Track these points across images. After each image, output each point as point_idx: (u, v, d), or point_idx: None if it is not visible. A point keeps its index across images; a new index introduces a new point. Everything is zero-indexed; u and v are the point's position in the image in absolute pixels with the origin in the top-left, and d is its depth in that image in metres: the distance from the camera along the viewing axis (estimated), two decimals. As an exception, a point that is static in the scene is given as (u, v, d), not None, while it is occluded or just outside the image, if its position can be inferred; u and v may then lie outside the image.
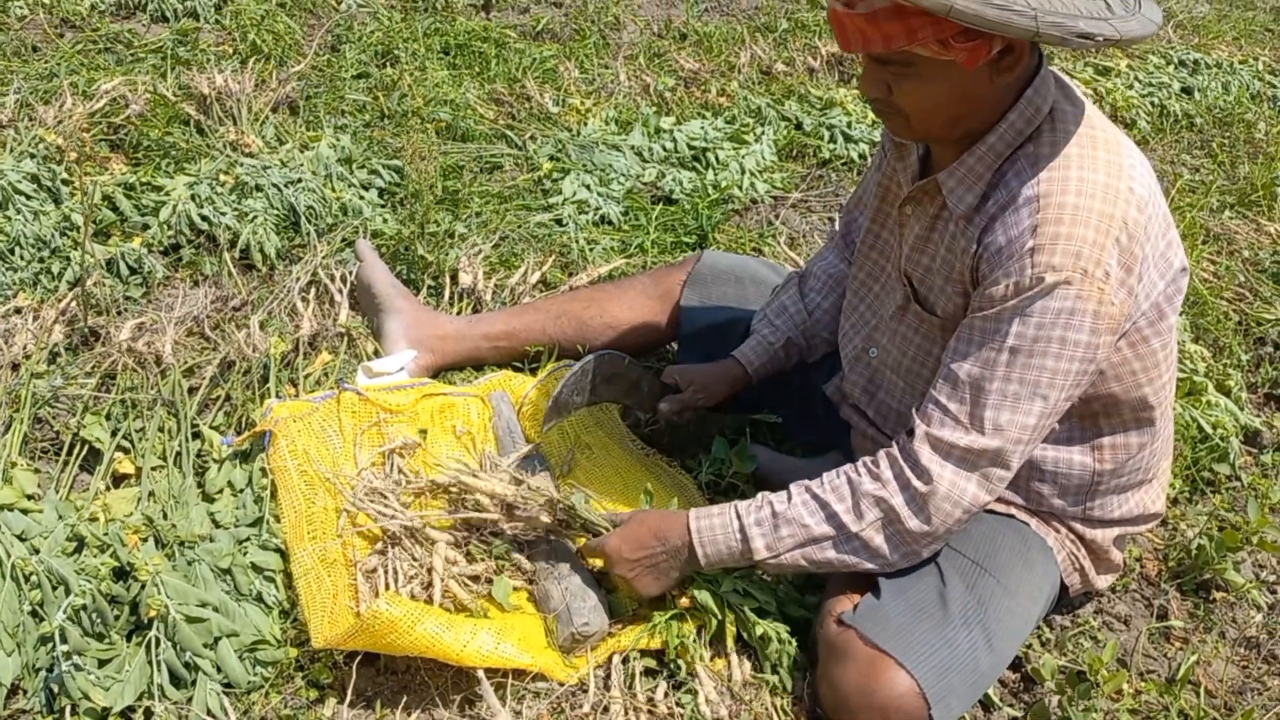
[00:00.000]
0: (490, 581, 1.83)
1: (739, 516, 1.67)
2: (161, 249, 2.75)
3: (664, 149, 3.44)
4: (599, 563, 1.78)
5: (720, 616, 1.73)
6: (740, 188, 3.28)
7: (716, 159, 3.40)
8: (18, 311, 2.43)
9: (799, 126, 3.71)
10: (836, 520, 1.62)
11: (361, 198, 3.02)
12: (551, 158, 3.36)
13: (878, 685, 1.56)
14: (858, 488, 1.62)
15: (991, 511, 1.79)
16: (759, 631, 1.72)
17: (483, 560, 1.86)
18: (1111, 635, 1.94)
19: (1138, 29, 1.39)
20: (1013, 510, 1.80)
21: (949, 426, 1.57)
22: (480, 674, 1.63)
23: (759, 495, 1.70)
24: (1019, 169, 1.56)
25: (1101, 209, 1.49)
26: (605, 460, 2.14)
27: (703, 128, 3.53)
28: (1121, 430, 1.72)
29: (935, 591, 1.66)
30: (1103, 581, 1.90)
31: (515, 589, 1.82)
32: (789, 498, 1.66)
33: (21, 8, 3.99)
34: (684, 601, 1.75)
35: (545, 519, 1.83)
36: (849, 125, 3.63)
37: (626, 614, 1.79)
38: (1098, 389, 1.65)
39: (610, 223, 3.09)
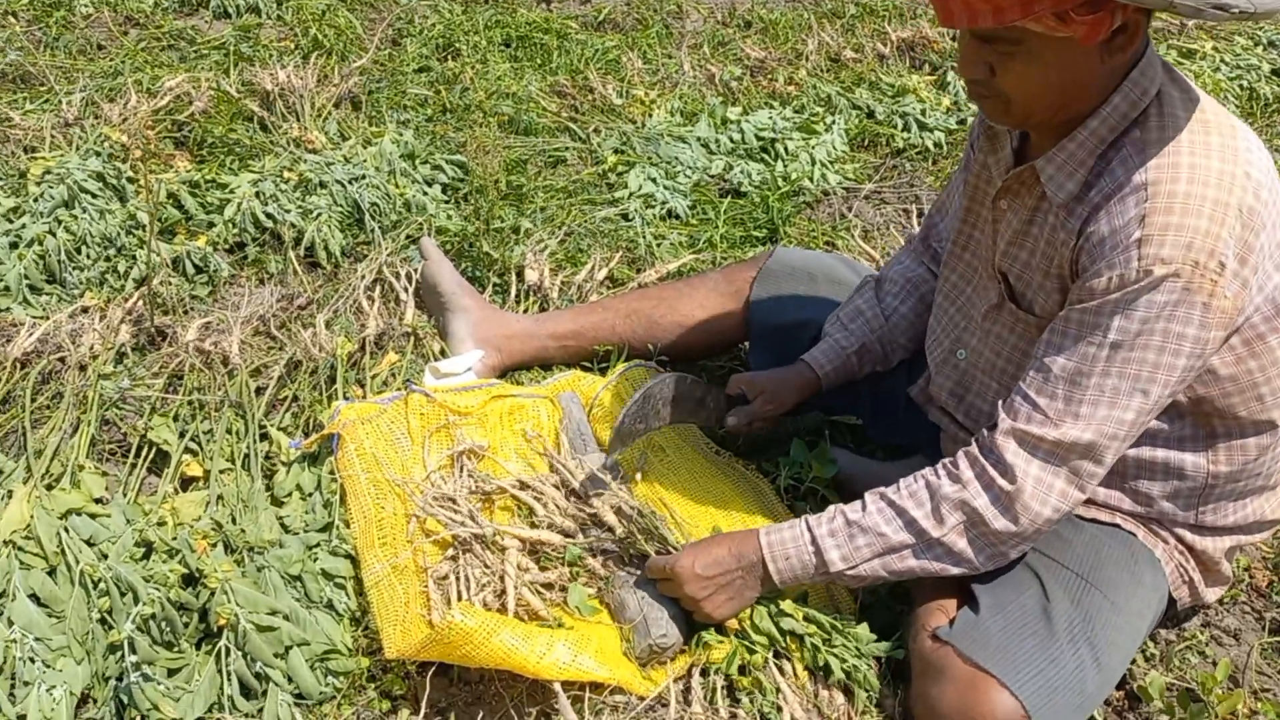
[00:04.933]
0: (564, 589, 1.77)
1: (810, 529, 1.60)
2: (227, 247, 2.72)
3: (731, 140, 3.35)
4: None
5: (781, 644, 1.65)
6: (811, 179, 3.18)
7: (786, 150, 3.30)
8: (84, 311, 2.42)
9: (870, 115, 3.59)
10: (916, 527, 1.54)
11: (425, 194, 2.97)
12: (616, 151, 3.29)
13: (979, 706, 1.46)
14: (937, 491, 1.53)
15: (1096, 521, 1.69)
16: (820, 660, 1.63)
17: (555, 567, 1.80)
18: (1221, 651, 1.83)
19: (1274, 3, 1.28)
20: (1118, 519, 1.69)
21: (1037, 421, 1.48)
22: (557, 687, 1.56)
23: (830, 508, 1.62)
24: (1125, 155, 1.46)
25: (1216, 196, 1.39)
26: (680, 463, 2.06)
27: (771, 118, 3.43)
28: (1239, 433, 1.61)
29: (1039, 607, 1.57)
30: (1211, 595, 1.79)
31: (590, 596, 1.76)
32: (863, 506, 1.59)
33: (87, 6, 4.01)
34: (733, 624, 1.66)
35: (617, 529, 1.77)
36: (923, 113, 3.51)
37: (704, 627, 1.72)
38: (1209, 389, 1.55)
39: (677, 217, 3.01)
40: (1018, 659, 1.49)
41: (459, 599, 1.72)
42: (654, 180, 3.11)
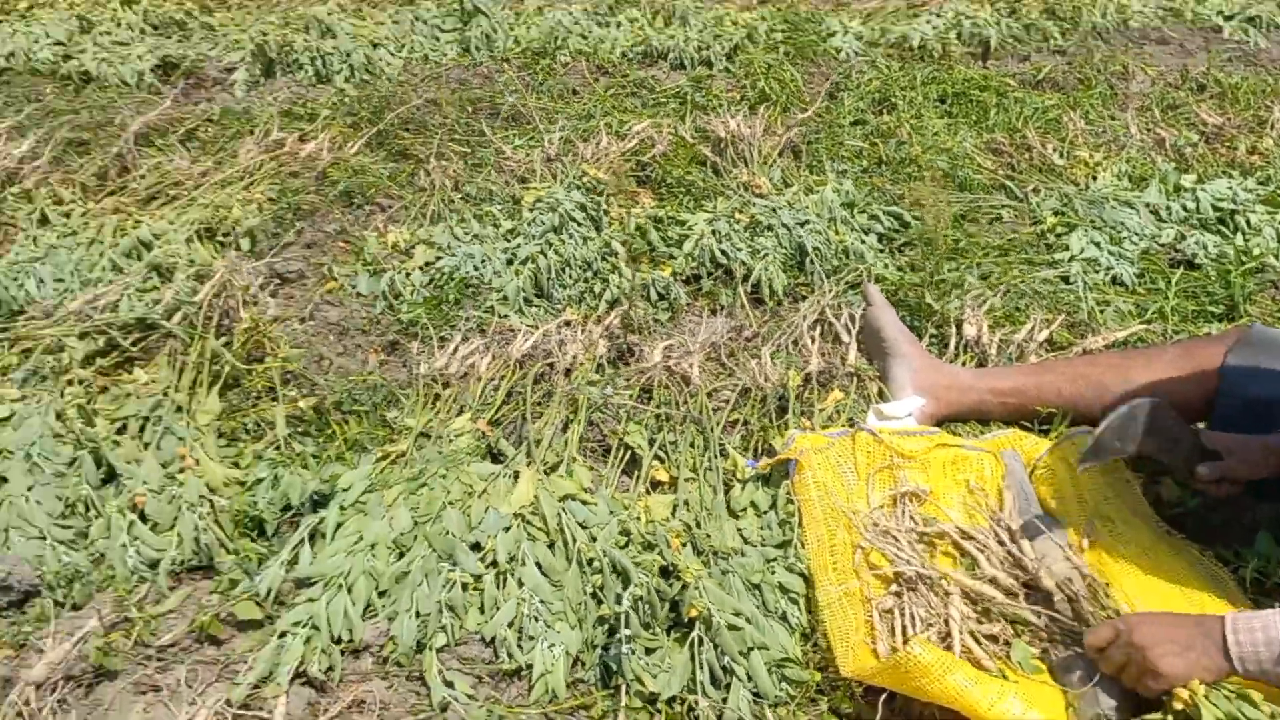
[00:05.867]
0: (1008, 644, 1.79)
1: None
2: (684, 278, 2.99)
3: (1184, 209, 3.20)
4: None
5: None
6: (1277, 256, 2.97)
7: (1248, 223, 3.10)
8: (567, 324, 2.76)
9: (1352, 192, 3.29)
10: None
11: (862, 241, 3.10)
12: (1056, 212, 3.24)
13: None
14: None
15: None
16: None
17: (998, 620, 1.83)
18: None
19: None
20: None
21: None
22: (1003, 737, 1.60)
23: None
24: None
25: None
26: (1129, 535, 2.01)
27: (1230, 188, 3.24)
28: None
29: None
30: None
31: (1033, 656, 1.77)
32: None
33: (565, 55, 4.53)
34: (1181, 695, 1.54)
35: (1055, 596, 1.77)
36: None
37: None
38: None
39: (1122, 284, 2.92)
40: None
41: (903, 632, 1.80)
42: (1097, 244, 3.04)
